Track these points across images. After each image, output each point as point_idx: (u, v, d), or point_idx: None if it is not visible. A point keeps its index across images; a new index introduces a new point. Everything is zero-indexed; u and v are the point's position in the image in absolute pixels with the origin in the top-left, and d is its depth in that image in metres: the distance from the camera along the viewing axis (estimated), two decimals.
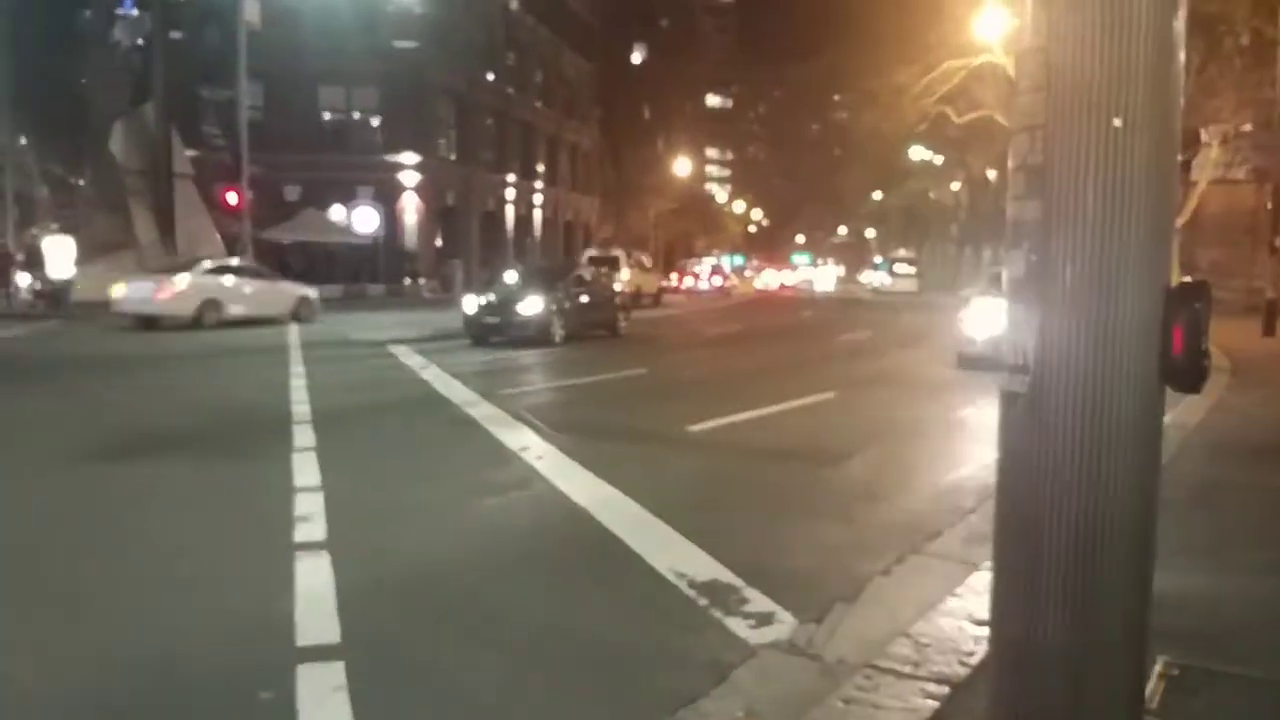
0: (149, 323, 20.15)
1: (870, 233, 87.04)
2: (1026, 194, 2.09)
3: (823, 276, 73.47)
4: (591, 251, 37.94)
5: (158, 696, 3.31)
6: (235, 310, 21.28)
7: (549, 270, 23.62)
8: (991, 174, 36.16)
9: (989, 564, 2.26)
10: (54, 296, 26.36)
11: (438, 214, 42.48)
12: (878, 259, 73.71)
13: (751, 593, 4.23)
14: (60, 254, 27.12)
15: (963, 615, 3.72)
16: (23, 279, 28.42)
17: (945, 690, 3.06)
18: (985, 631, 2.22)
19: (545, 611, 4.15)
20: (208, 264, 22.06)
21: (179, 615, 4.03)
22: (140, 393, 11.48)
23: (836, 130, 69.35)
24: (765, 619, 3.94)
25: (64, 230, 31.35)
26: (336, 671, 3.37)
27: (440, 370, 12.91)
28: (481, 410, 9.44)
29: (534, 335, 17.30)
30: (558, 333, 17.82)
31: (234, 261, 23.40)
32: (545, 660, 3.65)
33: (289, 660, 3.45)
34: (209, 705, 3.25)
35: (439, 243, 42.89)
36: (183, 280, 20.78)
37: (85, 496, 6.18)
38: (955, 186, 51.70)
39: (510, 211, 49.60)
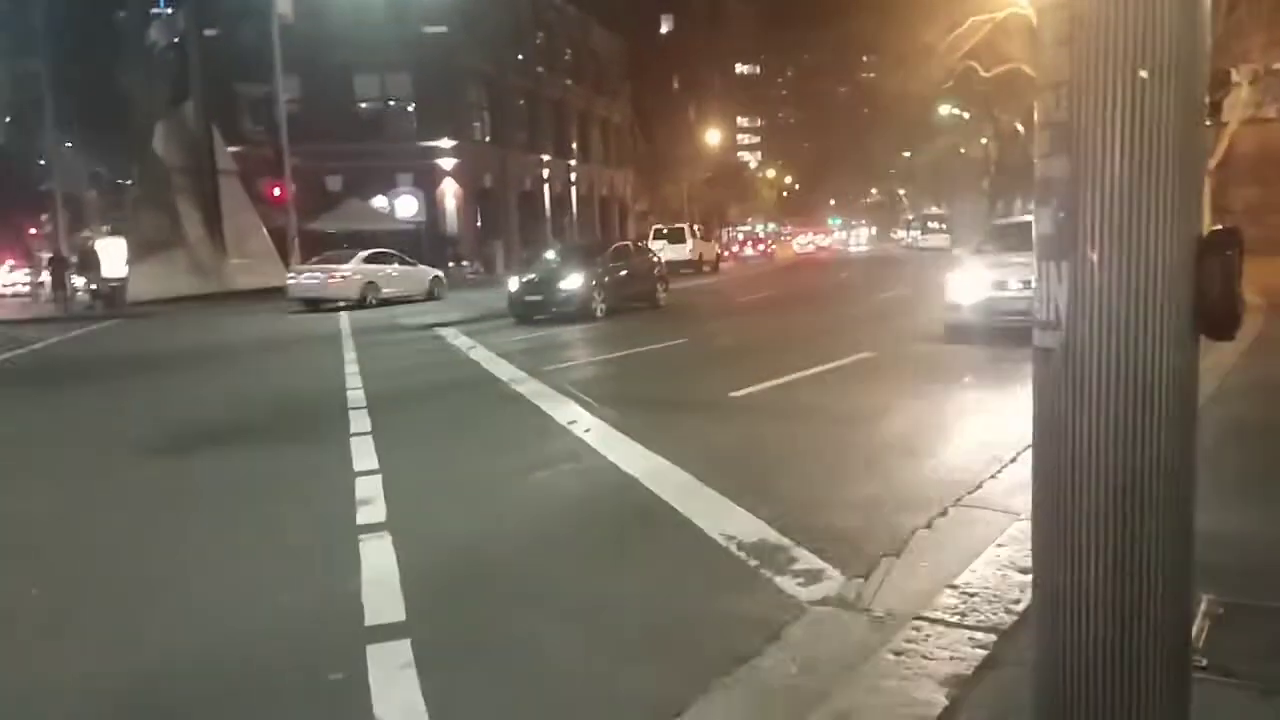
0: (315, 304, 23.22)
1: (901, 192, 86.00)
2: (1053, 151, 2.09)
3: (857, 237, 73.19)
4: (659, 225, 38.59)
5: (233, 678, 3.44)
6: (387, 291, 23.87)
7: (588, 247, 23.89)
8: (1020, 127, 35.44)
9: (1030, 512, 2.31)
10: (110, 297, 27.14)
11: (476, 196, 42.75)
12: (910, 217, 73.13)
13: (800, 552, 4.31)
14: (113, 254, 27.98)
15: (1007, 564, 3.77)
16: (77, 281, 29.24)
17: (993, 638, 3.12)
18: (1030, 579, 2.27)
19: (601, 579, 4.27)
20: (365, 253, 24.51)
21: (253, 599, 4.19)
22: (204, 384, 11.85)
23: (865, 91, 68.37)
24: (814, 576, 4.02)
25: (114, 231, 32.14)
26: (404, 649, 3.47)
27: (487, 350, 13.12)
28: (529, 387, 9.60)
29: (576, 311, 17.47)
30: (599, 307, 17.98)
31: (385, 250, 25.92)
32: (604, 626, 3.76)
33: (359, 640, 3.57)
34: (289, 686, 3.36)
35: (479, 224, 43.23)
36: (348, 269, 23.50)
37: (162, 485, 6.45)
38: (984, 141, 50.71)
39: (546, 190, 49.75)
